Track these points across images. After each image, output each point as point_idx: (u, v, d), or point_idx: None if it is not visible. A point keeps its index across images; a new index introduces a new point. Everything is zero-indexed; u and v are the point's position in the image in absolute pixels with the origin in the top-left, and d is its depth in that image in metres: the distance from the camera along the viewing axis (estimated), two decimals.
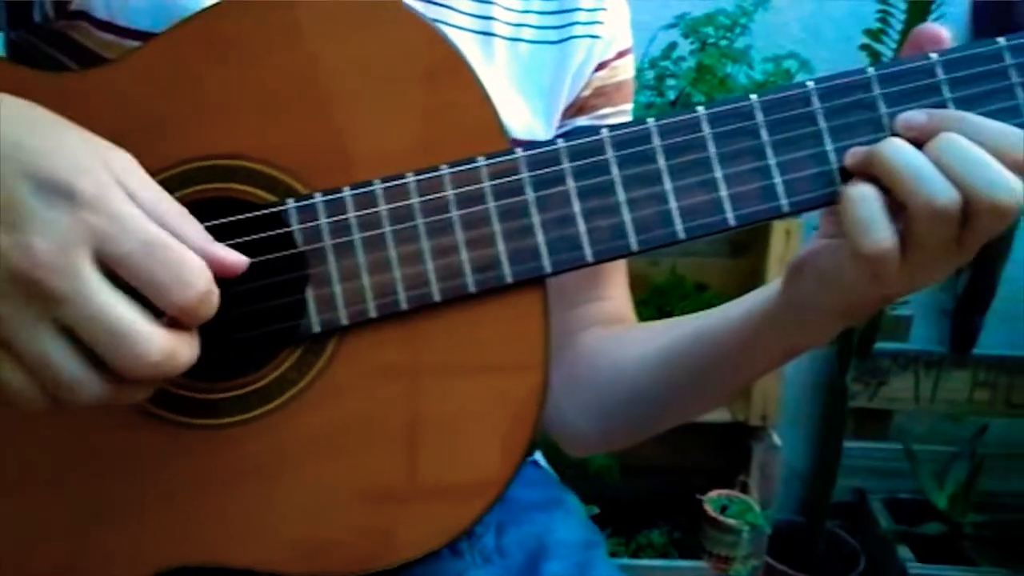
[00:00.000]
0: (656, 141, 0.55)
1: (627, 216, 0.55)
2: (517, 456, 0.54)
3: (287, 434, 0.54)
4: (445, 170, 0.55)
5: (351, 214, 0.55)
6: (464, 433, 0.54)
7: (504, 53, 0.73)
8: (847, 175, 0.54)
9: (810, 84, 0.55)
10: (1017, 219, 0.53)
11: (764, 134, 0.55)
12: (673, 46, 1.60)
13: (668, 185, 0.55)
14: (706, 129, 0.55)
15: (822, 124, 0.55)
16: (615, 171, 0.55)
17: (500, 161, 0.55)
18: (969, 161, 0.50)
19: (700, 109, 0.56)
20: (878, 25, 1.57)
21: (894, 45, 1.57)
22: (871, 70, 0.55)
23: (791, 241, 1.61)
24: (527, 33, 0.74)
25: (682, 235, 0.55)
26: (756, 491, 1.76)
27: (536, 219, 0.55)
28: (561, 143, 0.56)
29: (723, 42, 1.55)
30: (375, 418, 0.54)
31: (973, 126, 0.51)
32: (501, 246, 0.55)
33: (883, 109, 0.54)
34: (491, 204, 0.55)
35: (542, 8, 0.75)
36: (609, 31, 0.77)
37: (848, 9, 1.76)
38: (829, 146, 0.55)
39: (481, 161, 0.55)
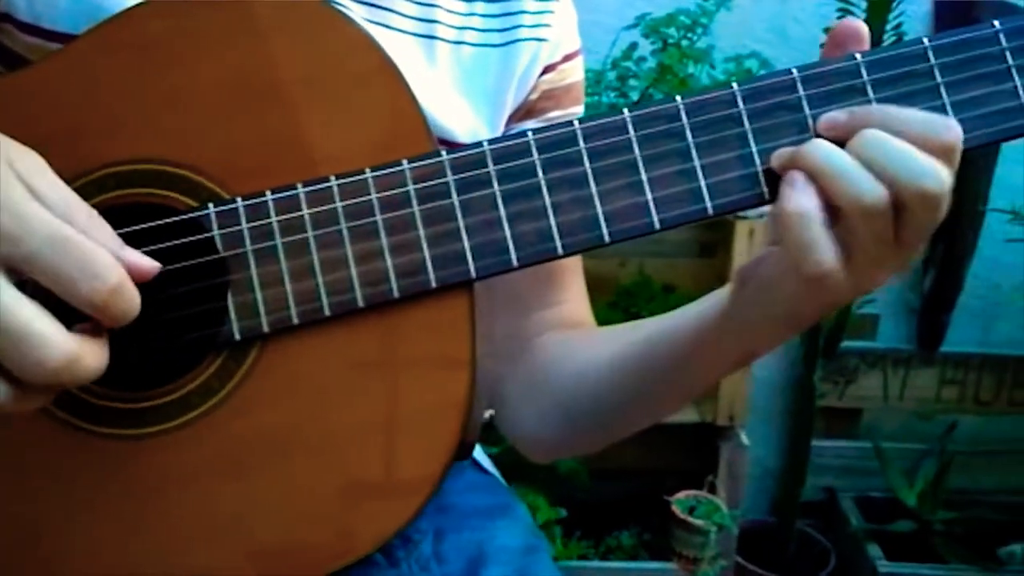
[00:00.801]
0: (581, 144, 0.55)
1: (552, 219, 0.55)
2: (445, 455, 0.53)
3: (209, 443, 0.54)
4: (369, 173, 0.55)
5: (273, 218, 0.54)
6: (391, 436, 0.53)
7: (447, 56, 0.73)
8: (772, 177, 0.54)
9: (734, 86, 0.55)
10: (982, 214, 0.52)
11: (689, 136, 0.55)
12: (634, 46, 1.59)
13: (593, 188, 0.55)
14: (631, 132, 0.55)
15: (747, 126, 0.54)
16: (540, 174, 0.55)
17: (424, 164, 0.55)
18: (891, 153, 0.49)
19: (625, 112, 0.55)
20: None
21: None
22: (795, 71, 0.55)
23: (754, 240, 1.61)
24: (471, 36, 0.74)
25: (607, 238, 0.55)
26: (724, 491, 1.76)
27: (461, 223, 0.55)
28: (486, 145, 0.55)
29: (684, 42, 1.55)
30: (299, 424, 0.54)
31: (893, 117, 0.51)
32: (426, 251, 0.54)
33: (807, 110, 0.54)
34: (415, 208, 0.55)
35: (486, 11, 0.74)
36: (555, 34, 0.76)
37: (811, 8, 1.77)
38: (754, 148, 0.54)
39: (405, 164, 0.55)
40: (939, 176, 0.49)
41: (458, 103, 0.73)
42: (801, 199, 0.50)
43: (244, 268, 0.54)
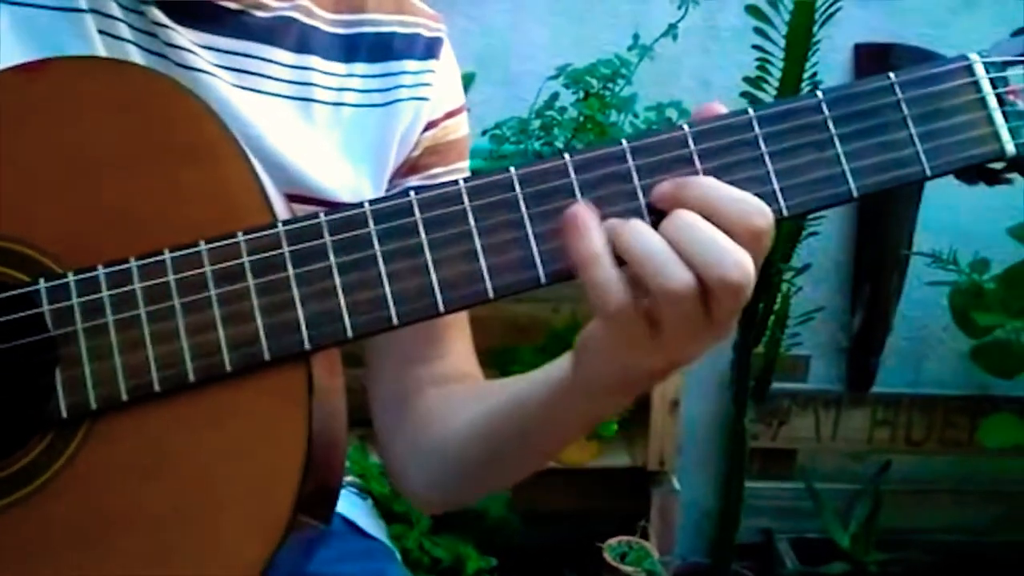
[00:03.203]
0: (417, 214, 0.56)
1: (388, 289, 0.55)
2: (273, 541, 0.52)
3: (35, 524, 0.53)
4: (203, 246, 0.55)
5: (104, 293, 0.54)
6: (215, 521, 0.53)
7: (326, 117, 0.74)
8: None
9: (566, 157, 0.56)
10: (907, 257, 0.53)
11: (523, 206, 0.55)
12: (555, 96, 1.61)
13: (428, 258, 0.55)
14: (467, 201, 0.56)
15: (578, 196, 0.55)
16: (376, 245, 0.55)
17: (260, 236, 0.55)
18: (697, 241, 0.50)
19: (460, 182, 0.56)
20: (757, 73, 1.61)
21: (773, 92, 1.60)
22: (625, 143, 0.56)
23: None
24: (350, 97, 0.74)
25: (442, 308, 0.55)
26: (655, 537, 1.76)
27: (296, 294, 0.55)
28: (323, 216, 0.56)
29: (606, 92, 1.57)
30: (121, 506, 0.53)
31: (709, 197, 0.52)
32: (259, 322, 0.54)
33: (636, 180, 0.55)
34: (250, 280, 0.55)
35: (366, 72, 0.75)
36: (436, 92, 0.77)
37: (733, 57, 1.80)
38: None
39: (240, 236, 0.55)
40: (742, 264, 0.50)
41: (339, 164, 0.74)
42: (587, 243, 0.52)
43: (74, 343, 0.54)
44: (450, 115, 0.79)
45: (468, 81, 1.64)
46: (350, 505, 0.83)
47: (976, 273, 1.78)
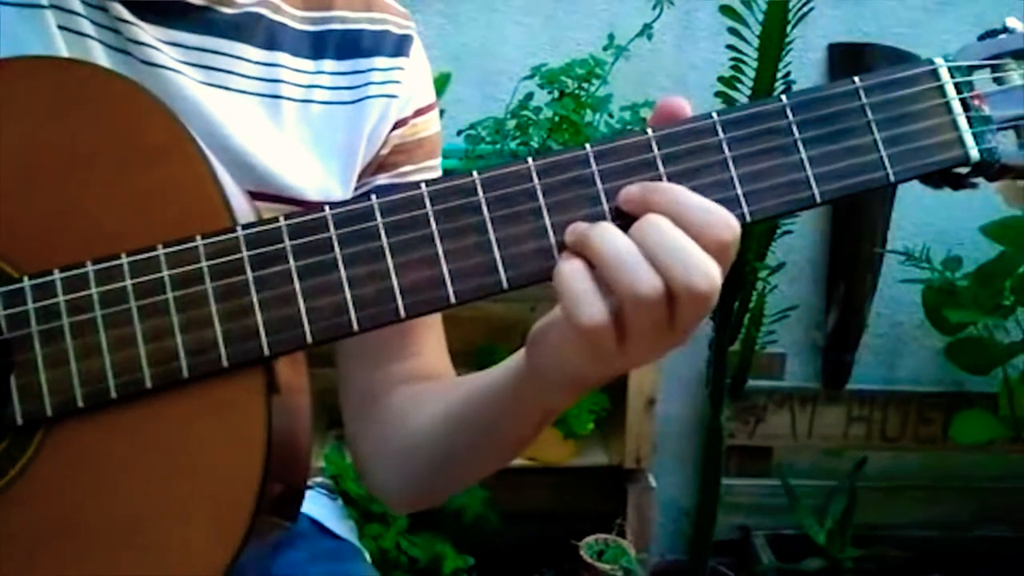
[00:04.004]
0: (379, 218, 0.55)
1: (348, 294, 0.54)
2: (235, 544, 0.52)
3: None
4: (161, 250, 0.54)
5: (60, 297, 0.53)
6: (172, 529, 0.52)
7: (294, 115, 0.73)
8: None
9: (529, 161, 0.55)
10: (880, 255, 0.53)
11: (485, 210, 0.55)
12: (530, 96, 1.61)
13: (389, 263, 0.55)
14: (428, 206, 0.55)
15: (541, 200, 0.55)
16: (336, 249, 0.55)
17: (219, 240, 0.54)
18: (667, 247, 0.50)
19: (423, 186, 0.55)
20: (731, 72, 1.61)
21: (748, 92, 1.60)
22: (588, 147, 0.55)
23: None
24: (319, 94, 0.74)
25: (403, 313, 0.55)
26: (632, 534, 1.76)
27: (255, 299, 0.54)
28: (283, 220, 0.55)
29: (581, 92, 1.57)
30: (77, 515, 0.52)
31: (679, 205, 0.52)
32: (218, 327, 0.54)
33: (600, 185, 0.55)
34: (208, 284, 0.54)
35: (335, 69, 0.75)
36: (406, 90, 0.77)
37: (709, 56, 1.80)
38: (548, 221, 0.55)
39: (199, 240, 0.54)
40: (709, 275, 0.50)
41: (308, 161, 0.73)
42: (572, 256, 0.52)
43: (29, 349, 0.53)
44: (420, 112, 0.78)
45: (444, 81, 1.63)
46: (318, 506, 0.82)
47: (949, 271, 1.79)
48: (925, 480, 2.09)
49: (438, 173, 0.81)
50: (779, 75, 1.60)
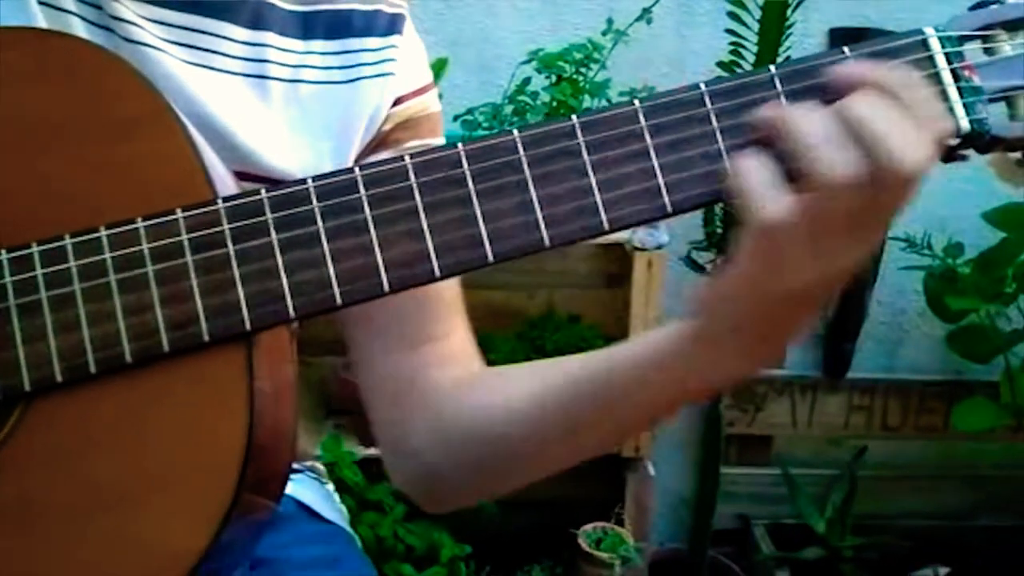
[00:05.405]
0: (362, 191, 0.54)
1: (331, 268, 0.54)
2: (212, 526, 0.51)
3: None
4: (140, 223, 0.53)
5: (38, 271, 0.53)
6: (151, 507, 0.51)
7: (282, 95, 0.72)
8: (551, 222, 0.54)
9: (515, 133, 0.55)
10: (881, 244, 0.52)
11: (471, 183, 0.54)
12: (527, 81, 1.60)
13: (373, 236, 0.54)
14: (412, 178, 0.54)
15: (527, 172, 0.54)
16: (319, 222, 0.54)
17: (199, 213, 0.54)
18: (880, 119, 0.48)
19: (407, 158, 0.55)
20: (731, 57, 1.60)
21: None
22: (575, 118, 0.55)
23: (653, 271, 1.62)
24: (308, 74, 0.73)
25: (387, 287, 0.54)
26: (630, 523, 1.75)
27: (236, 273, 0.53)
28: (265, 193, 0.54)
29: (579, 76, 1.56)
30: (53, 491, 0.52)
31: (905, 88, 0.50)
32: (199, 302, 0.53)
33: (586, 156, 0.54)
34: (189, 258, 0.53)
35: (324, 49, 0.74)
36: (401, 67, 0.75)
37: (708, 41, 1.79)
38: (533, 194, 0.54)
39: (179, 213, 0.54)
40: (923, 153, 0.48)
41: (296, 142, 0.72)
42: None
43: (7, 323, 0.52)
44: (420, 92, 0.77)
45: (440, 67, 1.62)
46: (306, 489, 0.81)
47: (950, 258, 1.77)
48: (926, 469, 2.08)
49: None
50: (779, 60, 1.58)
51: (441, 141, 0.80)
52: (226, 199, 0.54)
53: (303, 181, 0.55)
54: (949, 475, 2.08)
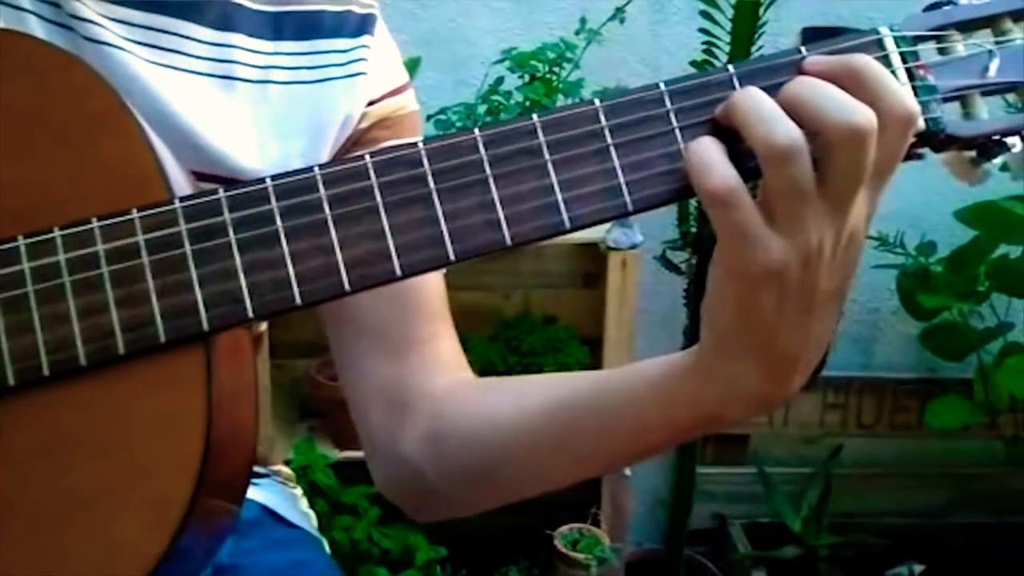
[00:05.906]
0: (322, 191, 0.54)
1: (291, 268, 0.53)
2: (169, 531, 0.50)
3: None
4: (95, 223, 0.52)
5: None
6: (107, 512, 0.50)
7: (249, 96, 0.72)
8: (512, 222, 0.53)
9: (476, 132, 0.54)
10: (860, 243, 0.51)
11: (431, 182, 0.54)
12: (500, 80, 1.60)
13: (333, 236, 0.53)
14: (373, 178, 0.54)
15: (488, 171, 0.54)
16: (279, 221, 0.53)
17: (156, 213, 0.53)
18: (820, 94, 0.49)
19: (367, 157, 0.54)
20: (704, 57, 1.60)
21: None
22: (535, 117, 0.54)
23: (627, 271, 1.62)
24: (277, 75, 0.72)
25: (347, 287, 0.53)
26: (607, 524, 1.75)
27: (193, 273, 0.52)
28: (223, 192, 0.54)
29: (552, 76, 1.55)
30: (13, 496, 0.51)
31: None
32: (155, 303, 0.52)
33: (547, 155, 0.54)
34: (145, 259, 0.52)
35: (293, 50, 0.73)
36: (374, 67, 0.75)
37: (682, 41, 1.80)
38: (495, 194, 0.54)
39: (135, 213, 0.53)
40: (869, 115, 0.48)
41: (265, 142, 0.72)
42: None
43: None
44: (395, 92, 0.76)
45: (413, 66, 1.62)
46: (271, 494, 0.80)
47: (923, 256, 1.79)
48: (901, 467, 2.09)
49: None
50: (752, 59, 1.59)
51: (419, 140, 0.79)
52: (183, 199, 0.53)
53: (261, 180, 0.54)
54: (924, 473, 2.09)
